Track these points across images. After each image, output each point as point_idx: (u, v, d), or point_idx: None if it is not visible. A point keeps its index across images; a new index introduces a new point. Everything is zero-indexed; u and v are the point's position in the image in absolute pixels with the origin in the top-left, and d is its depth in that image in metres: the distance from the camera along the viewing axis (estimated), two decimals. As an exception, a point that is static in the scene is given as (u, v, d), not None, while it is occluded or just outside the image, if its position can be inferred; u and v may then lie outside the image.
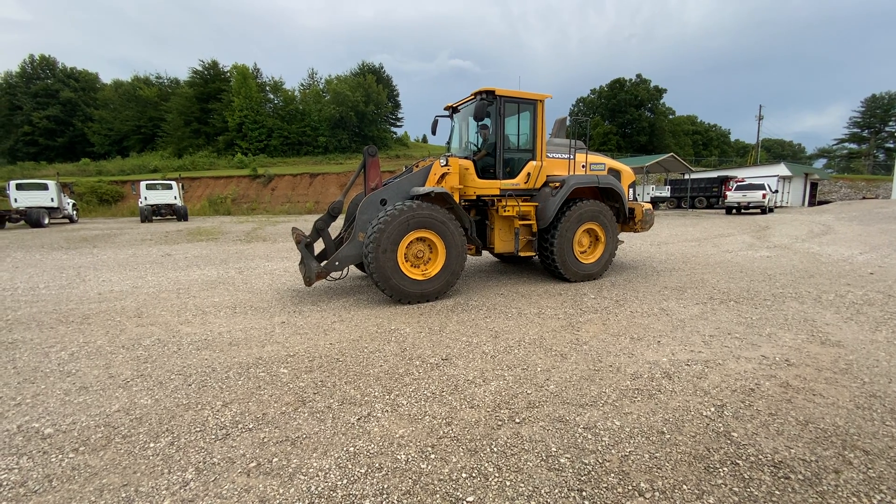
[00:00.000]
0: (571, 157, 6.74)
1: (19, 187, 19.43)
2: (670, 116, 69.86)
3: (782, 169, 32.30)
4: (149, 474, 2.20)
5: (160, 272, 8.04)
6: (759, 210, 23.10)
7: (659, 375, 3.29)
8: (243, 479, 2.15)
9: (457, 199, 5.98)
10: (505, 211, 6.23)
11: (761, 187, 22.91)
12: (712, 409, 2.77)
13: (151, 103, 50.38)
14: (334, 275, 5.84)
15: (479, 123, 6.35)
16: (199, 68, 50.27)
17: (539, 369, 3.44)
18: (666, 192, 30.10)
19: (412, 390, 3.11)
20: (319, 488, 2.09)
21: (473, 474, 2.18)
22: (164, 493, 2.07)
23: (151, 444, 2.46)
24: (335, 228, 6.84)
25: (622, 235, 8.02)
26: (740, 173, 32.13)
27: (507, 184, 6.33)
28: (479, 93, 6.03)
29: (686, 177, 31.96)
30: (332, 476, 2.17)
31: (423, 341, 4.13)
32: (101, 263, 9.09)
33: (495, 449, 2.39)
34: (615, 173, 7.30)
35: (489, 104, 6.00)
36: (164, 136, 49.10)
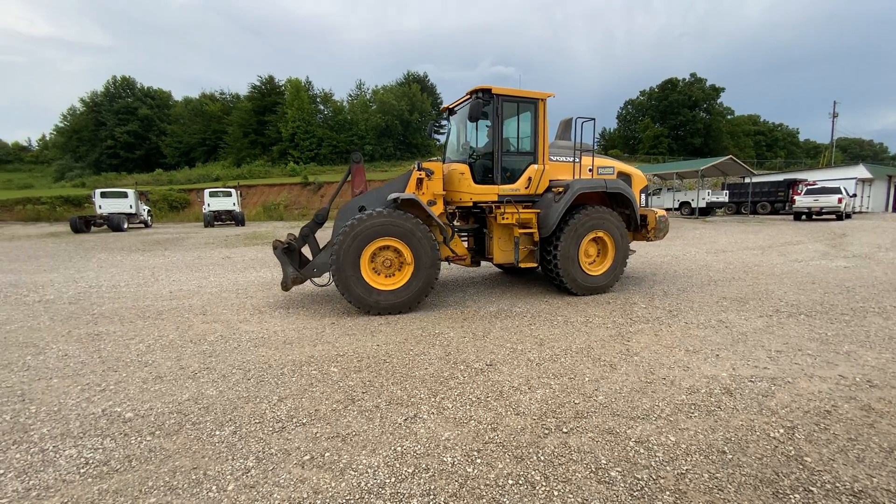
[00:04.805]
0: (577, 160, 6.31)
1: (103, 195, 21.70)
2: (728, 116, 65.52)
3: (861, 171, 29.30)
4: (215, 459, 2.38)
5: (221, 273, 8.64)
6: (833, 216, 21.06)
7: (718, 391, 3.09)
8: (298, 471, 2.27)
9: (440, 205, 5.77)
10: (504, 218, 5.83)
11: (837, 191, 20.85)
12: (781, 431, 2.57)
13: (215, 117, 54.56)
14: (319, 281, 5.87)
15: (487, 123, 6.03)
16: (258, 83, 53.85)
17: (587, 379, 3.34)
18: (724, 197, 28.20)
19: (457, 394, 3.13)
20: (369, 485, 2.15)
21: (520, 481, 2.16)
22: (228, 477, 2.22)
23: (217, 432, 2.65)
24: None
25: (634, 245, 7.31)
26: (811, 176, 29.50)
27: (506, 189, 5.97)
28: (475, 91, 5.71)
29: (747, 180, 29.82)
30: (380, 474, 2.24)
31: (467, 346, 4.14)
32: (172, 265, 9.91)
33: (542, 457, 2.35)
34: (625, 177, 6.80)
35: (486, 104, 5.67)
36: (226, 147, 52.95)
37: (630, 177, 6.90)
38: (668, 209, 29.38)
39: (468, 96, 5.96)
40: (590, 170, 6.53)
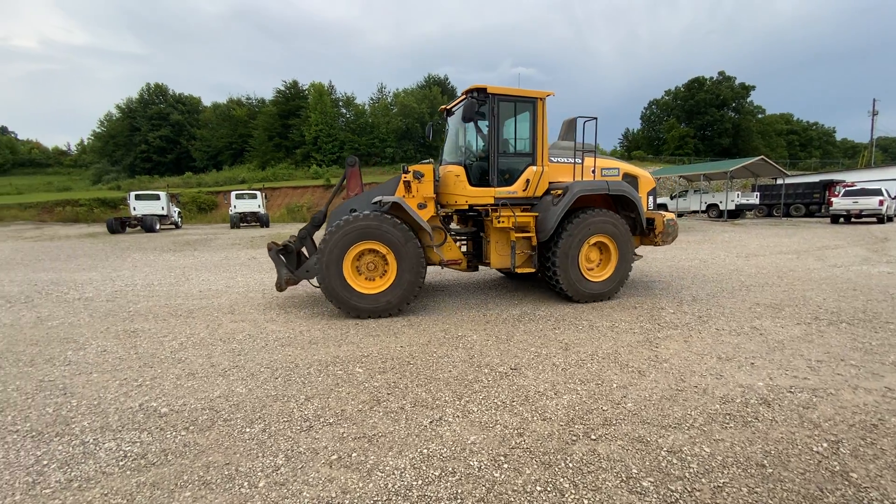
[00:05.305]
0: (579, 161, 6.06)
1: (137, 197, 22.64)
2: (759, 116, 63.23)
3: (904, 171, 27.77)
4: (246, 456, 2.43)
5: (248, 273, 8.86)
6: (874, 219, 20.03)
7: (755, 401, 2.97)
8: (326, 470, 2.29)
9: (431, 208, 5.66)
10: (500, 222, 5.65)
11: (878, 192, 19.81)
12: (825, 445, 2.44)
13: (242, 122, 56.11)
14: (314, 282, 5.90)
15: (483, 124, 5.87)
16: (282, 88, 55.17)
17: (615, 385, 3.27)
18: (754, 199, 27.20)
19: (482, 398, 3.11)
20: (396, 486, 2.16)
21: (548, 488, 2.13)
22: (259, 474, 2.27)
23: (247, 429, 2.71)
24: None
25: (641, 249, 6.89)
26: (849, 177, 28.14)
27: (503, 192, 5.74)
28: (470, 91, 5.55)
29: (779, 181, 28.68)
30: (407, 476, 2.24)
31: (490, 349, 4.12)
32: (201, 265, 10.23)
33: (570, 465, 2.31)
34: (631, 179, 6.52)
35: (481, 104, 5.52)
36: (251, 151, 54.40)
37: (636, 179, 6.64)
38: (694, 211, 28.58)
39: (464, 96, 5.77)
40: (592, 171, 6.25)
